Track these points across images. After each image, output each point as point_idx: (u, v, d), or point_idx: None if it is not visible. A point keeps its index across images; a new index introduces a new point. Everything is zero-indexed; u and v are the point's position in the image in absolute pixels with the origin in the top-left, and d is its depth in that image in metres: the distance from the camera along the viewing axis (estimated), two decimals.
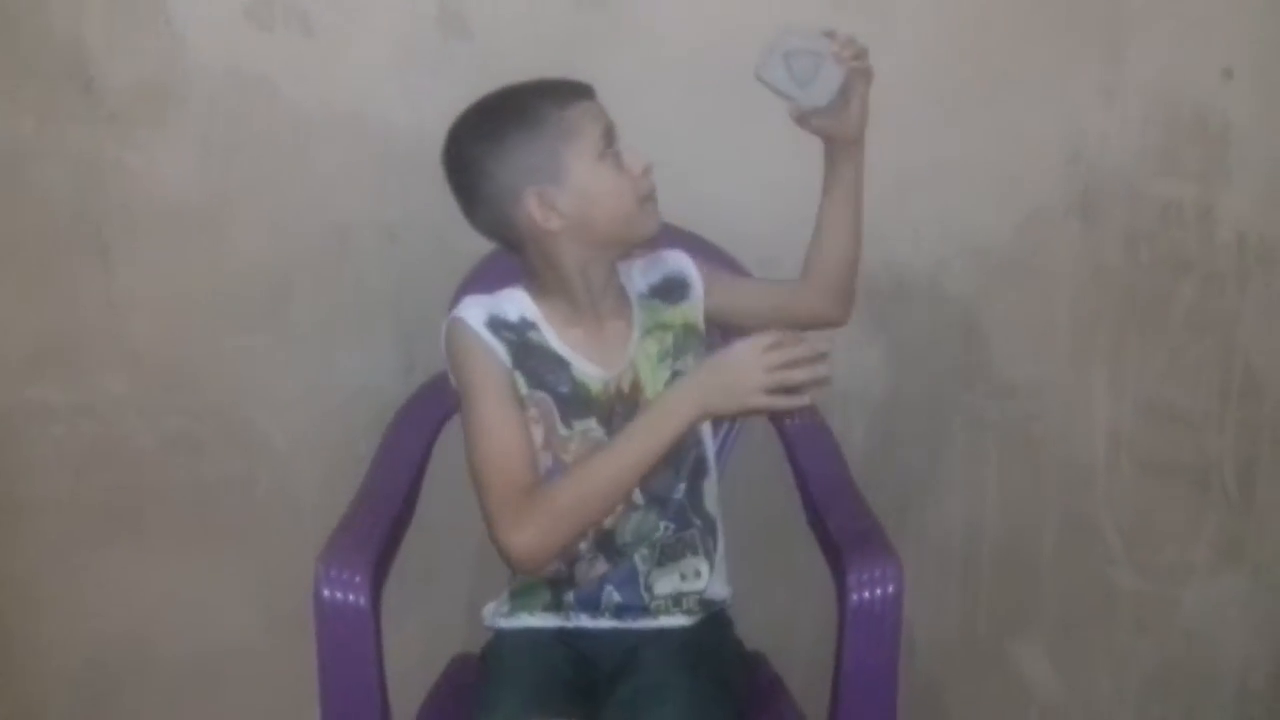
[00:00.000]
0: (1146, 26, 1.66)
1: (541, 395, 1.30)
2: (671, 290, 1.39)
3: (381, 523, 1.40)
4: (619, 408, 1.31)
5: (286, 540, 1.69)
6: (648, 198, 1.27)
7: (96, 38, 1.58)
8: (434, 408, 1.58)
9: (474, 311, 1.30)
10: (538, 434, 1.30)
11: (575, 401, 1.30)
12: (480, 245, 1.51)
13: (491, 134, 1.25)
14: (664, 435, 1.22)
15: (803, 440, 1.57)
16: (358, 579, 1.28)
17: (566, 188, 1.24)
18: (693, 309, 1.38)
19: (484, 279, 1.54)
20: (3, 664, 1.81)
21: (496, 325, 1.30)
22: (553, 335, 1.31)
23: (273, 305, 1.70)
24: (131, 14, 1.58)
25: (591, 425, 1.30)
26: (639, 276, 1.38)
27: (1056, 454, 1.81)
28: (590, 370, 1.31)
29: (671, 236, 1.41)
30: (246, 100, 1.61)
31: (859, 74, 1.26)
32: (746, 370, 1.18)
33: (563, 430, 1.30)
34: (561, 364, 1.30)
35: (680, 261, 1.40)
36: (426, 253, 1.66)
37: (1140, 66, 1.67)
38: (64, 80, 1.59)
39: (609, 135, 1.25)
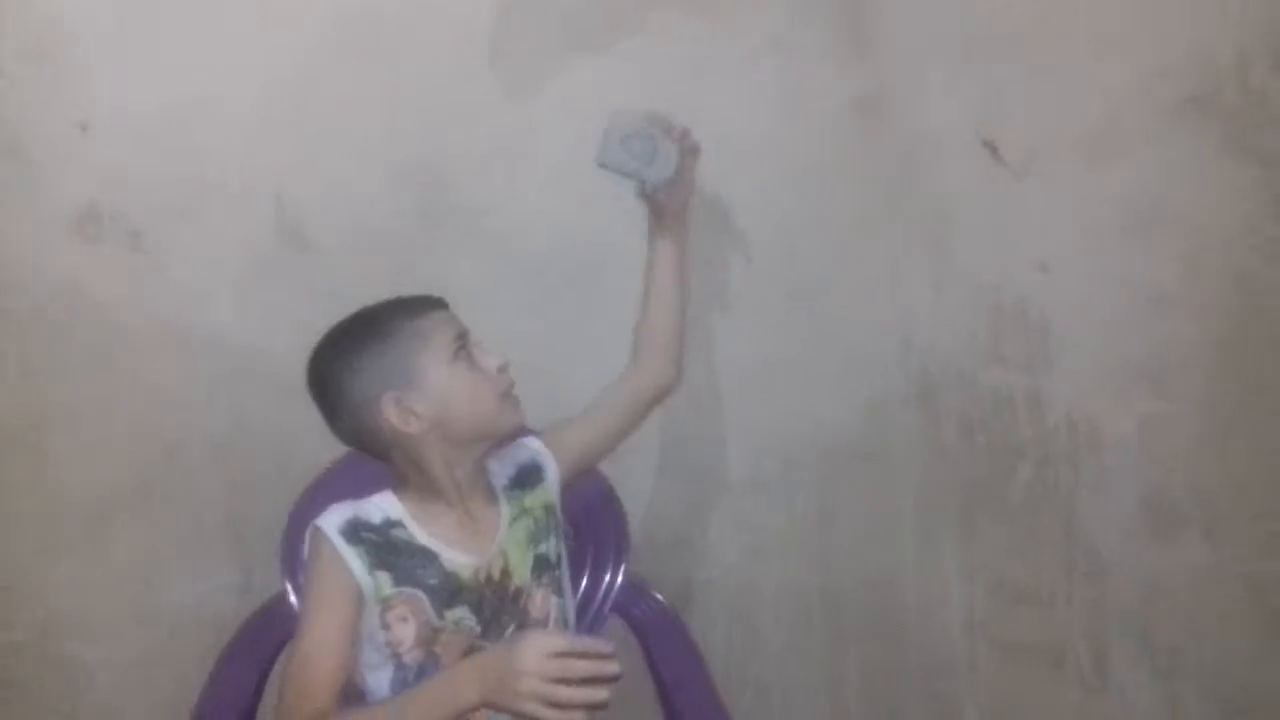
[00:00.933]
0: (968, 221, 1.73)
1: (410, 591, 1.28)
2: (527, 477, 1.41)
3: None
4: (489, 594, 1.31)
5: None
6: (506, 394, 1.31)
7: None
8: (270, 633, 1.50)
9: (333, 519, 1.29)
10: (408, 631, 1.28)
11: (446, 591, 1.29)
12: (318, 456, 1.51)
13: (347, 349, 1.29)
14: (444, 711, 1.18)
15: (659, 640, 1.54)
16: None
17: (423, 391, 1.27)
18: (548, 490, 1.42)
19: (326, 488, 1.50)
20: None
21: (356, 529, 1.29)
22: (419, 530, 1.30)
23: (96, 528, 1.62)
24: None
25: (464, 614, 1.30)
26: (498, 468, 1.40)
27: (916, 639, 1.81)
28: (460, 559, 1.31)
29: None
30: (69, 314, 1.58)
31: (689, 150, 1.41)
32: (523, 673, 1.12)
33: (436, 622, 1.29)
34: (429, 556, 1.30)
35: (530, 447, 1.43)
36: (262, 467, 1.62)
37: (964, 259, 1.74)
38: None
39: (462, 338, 1.29)
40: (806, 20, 1.67)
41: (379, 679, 1.30)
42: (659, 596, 1.60)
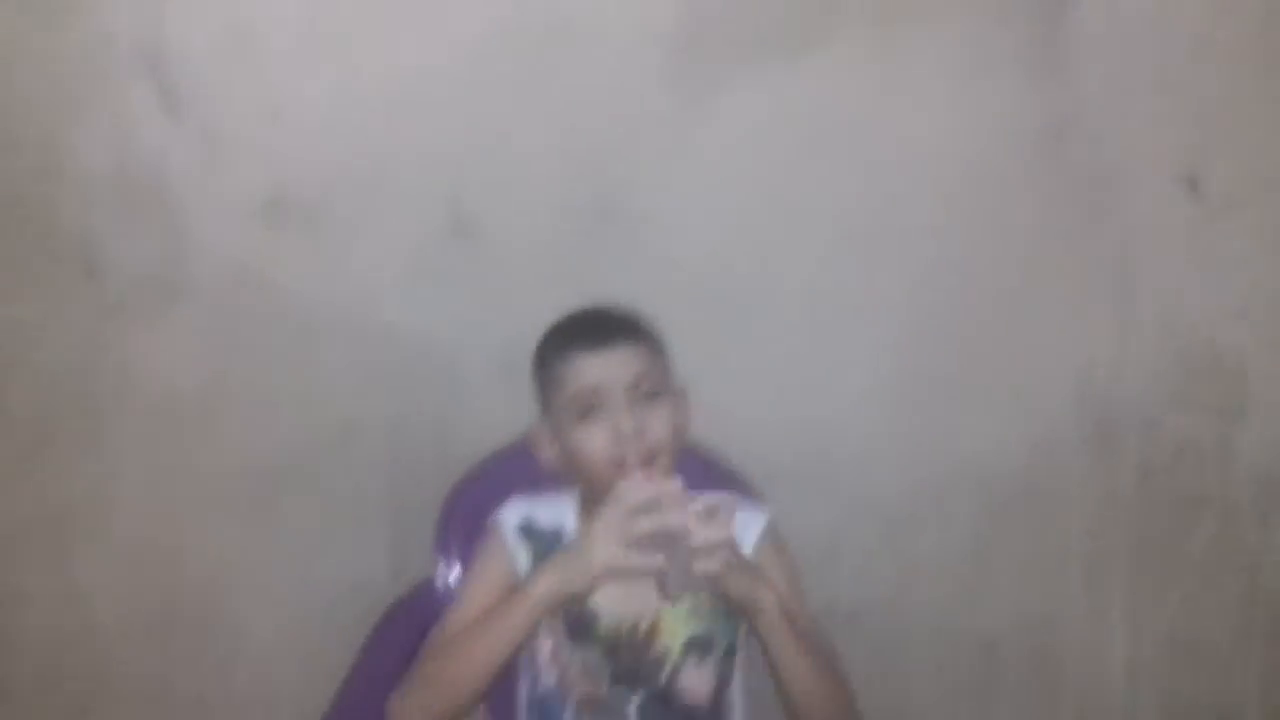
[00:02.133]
0: (1160, 258, 1.66)
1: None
2: None
3: None
4: (625, 649, 1.30)
5: None
6: (621, 465, 1.25)
7: (103, 226, 1.60)
8: (419, 614, 1.52)
9: (512, 513, 1.35)
10: (546, 645, 1.31)
11: (580, 627, 1.30)
12: (478, 444, 1.56)
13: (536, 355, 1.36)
14: (517, 617, 1.22)
15: None
16: None
17: (555, 434, 1.31)
18: None
19: (483, 476, 1.55)
20: None
21: (530, 528, 1.34)
22: None
23: (264, 498, 1.67)
24: (140, 204, 1.60)
25: (594, 658, 1.30)
26: None
27: (1075, 690, 1.74)
28: (604, 603, 1.29)
29: (689, 455, 1.39)
30: (251, 297, 1.62)
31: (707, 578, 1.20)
32: (593, 540, 1.18)
33: (565, 653, 1.30)
34: None
35: (745, 526, 1.31)
36: (424, 454, 1.65)
37: (1153, 300, 1.66)
38: (68, 266, 1.61)
39: (598, 395, 1.26)
40: (1000, 39, 1.62)
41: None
42: None
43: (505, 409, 1.59)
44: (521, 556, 1.32)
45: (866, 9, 1.60)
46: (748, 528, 1.32)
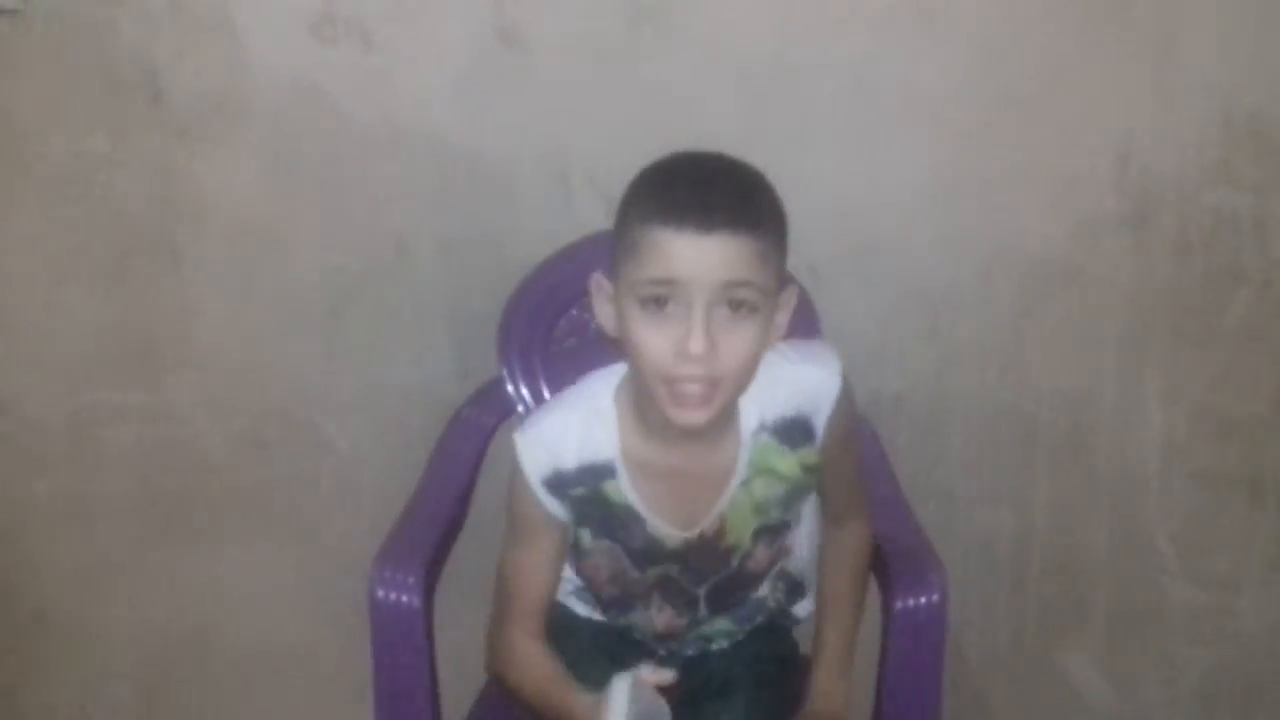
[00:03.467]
0: (1202, 27, 1.63)
1: (609, 544, 1.24)
2: (794, 433, 1.20)
3: (435, 526, 1.45)
4: (696, 552, 1.24)
5: (346, 540, 1.74)
6: (671, 382, 1.06)
7: (165, 52, 1.61)
8: (487, 414, 1.63)
9: (535, 464, 1.19)
10: (602, 575, 1.28)
11: (649, 554, 1.24)
12: (532, 252, 1.61)
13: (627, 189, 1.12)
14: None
15: None
16: (411, 580, 1.32)
17: (614, 301, 1.11)
18: (811, 454, 1.22)
19: (538, 282, 1.60)
20: (68, 657, 1.87)
21: (561, 484, 1.20)
22: (630, 485, 1.19)
23: (333, 311, 1.73)
24: (199, 28, 1.61)
25: (668, 569, 1.26)
26: (761, 401, 1.17)
27: (1108, 463, 1.80)
28: (666, 529, 1.22)
29: None
30: (308, 114, 1.64)
31: None
32: None
33: (634, 574, 1.26)
34: (636, 520, 1.21)
35: (820, 396, 1.20)
36: (481, 263, 1.69)
37: (1195, 69, 1.64)
38: (134, 93, 1.63)
39: (669, 286, 1.04)
40: None
41: (573, 602, 1.36)
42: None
43: (558, 216, 1.66)
44: (557, 509, 1.21)
45: None
46: (821, 392, 1.20)
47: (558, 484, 1.19)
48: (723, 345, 1.03)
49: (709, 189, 1.05)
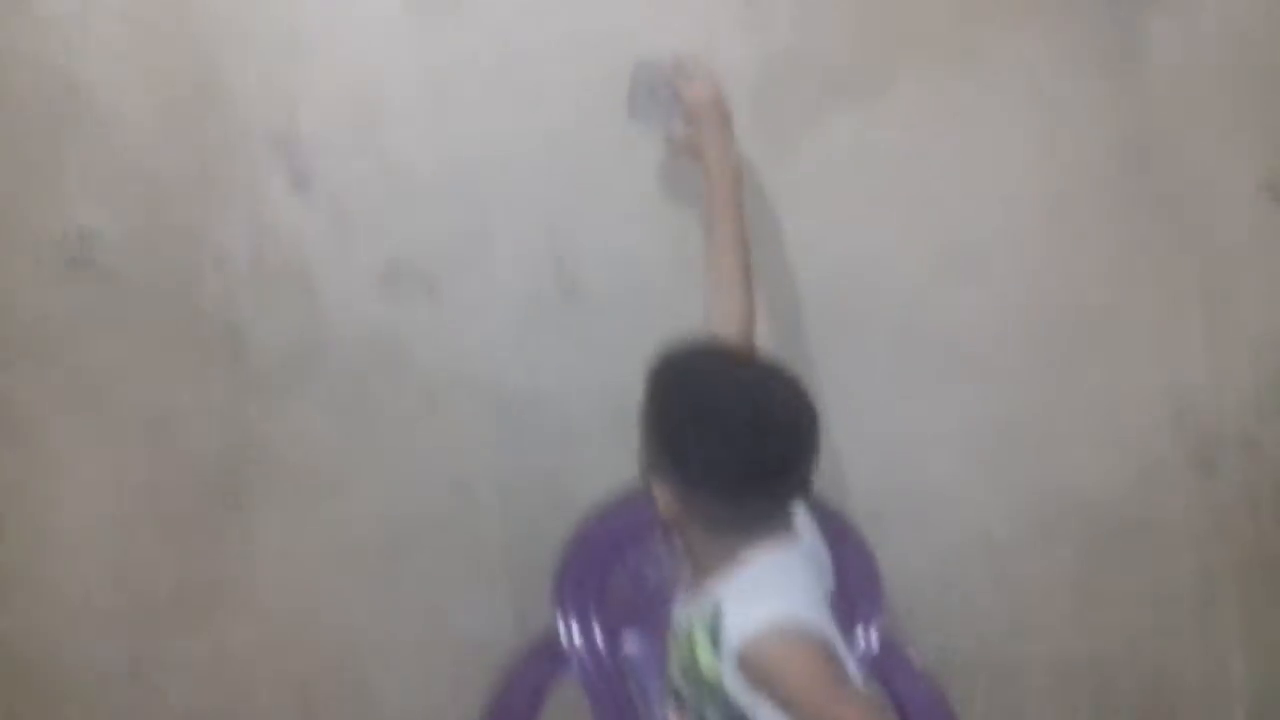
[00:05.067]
0: (1248, 273, 1.65)
1: None
2: (715, 631, 1.26)
3: None
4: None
5: None
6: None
7: (246, 307, 1.67)
8: (542, 672, 1.60)
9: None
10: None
11: None
12: (592, 495, 1.61)
13: (691, 405, 1.22)
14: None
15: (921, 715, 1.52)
16: None
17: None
18: (714, 662, 1.25)
19: (599, 527, 1.60)
20: None
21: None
22: None
23: (390, 556, 1.73)
24: (278, 284, 1.68)
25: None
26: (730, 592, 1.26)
27: (1191, 708, 1.73)
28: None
29: None
30: (376, 363, 1.68)
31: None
32: None
33: None
34: None
35: (737, 627, 1.23)
36: (539, 506, 1.69)
37: (1244, 314, 1.66)
38: (215, 347, 1.68)
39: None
40: (1070, 69, 1.63)
41: None
42: (917, 666, 1.57)
43: (615, 460, 1.59)
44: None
45: (931, 47, 1.63)
46: (739, 623, 1.23)
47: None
48: None
49: (783, 456, 1.19)
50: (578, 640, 1.56)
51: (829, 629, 1.19)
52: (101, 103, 1.62)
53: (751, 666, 1.18)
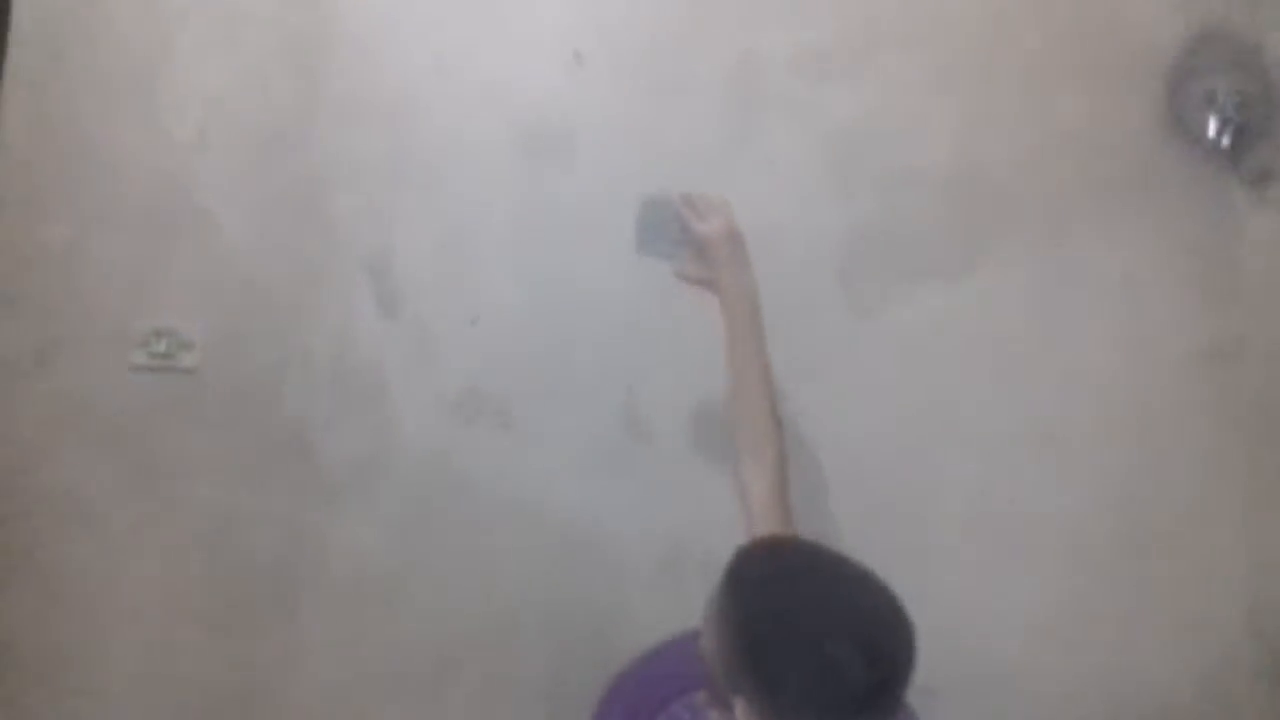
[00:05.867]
0: None
1: None
2: None
3: None
4: None
5: None
6: None
7: (320, 417, 1.71)
8: None
9: None
10: None
11: None
12: (639, 638, 1.57)
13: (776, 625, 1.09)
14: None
15: None
16: None
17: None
18: None
19: (640, 671, 1.56)
20: None
21: None
22: None
23: (432, 680, 1.71)
24: (354, 397, 1.71)
25: None
26: None
27: None
28: None
29: None
30: (441, 484, 1.70)
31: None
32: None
33: None
34: None
35: None
36: (584, 643, 1.67)
37: None
38: (284, 452, 1.71)
39: None
40: (1163, 260, 1.63)
41: None
42: None
43: (665, 604, 1.65)
44: None
45: (1021, 229, 1.64)
46: None
47: None
48: None
49: (867, 685, 1.04)
50: None
51: None
52: (211, 216, 1.70)
53: None
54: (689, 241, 1.38)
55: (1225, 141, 1.64)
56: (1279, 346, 1.63)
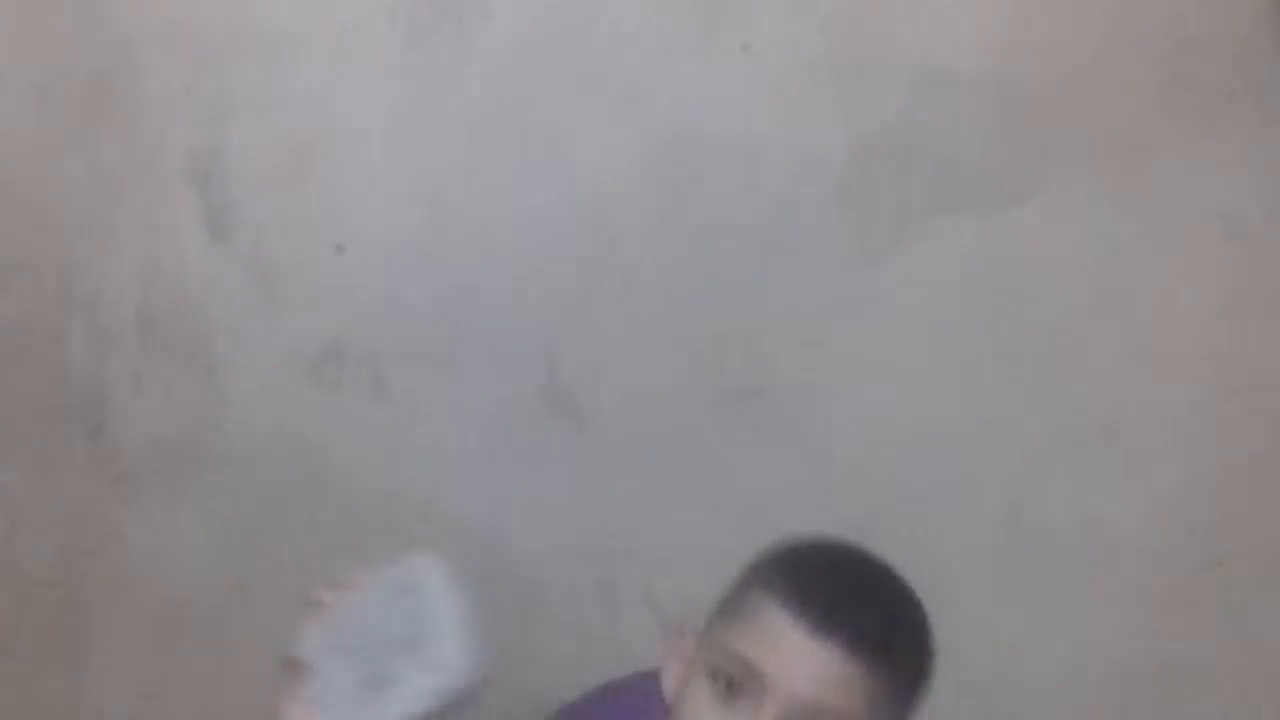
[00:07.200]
0: None
1: None
2: None
3: None
4: None
5: None
6: None
7: (119, 373, 1.51)
8: None
9: None
10: None
11: None
12: (569, 680, 1.33)
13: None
14: None
15: None
16: None
17: (689, 661, 1.01)
18: None
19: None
20: None
21: None
22: None
23: None
24: (169, 354, 1.52)
25: None
26: None
27: None
28: None
29: None
30: (287, 474, 1.52)
31: None
32: None
33: None
34: None
35: None
36: (496, 691, 1.41)
37: None
38: (72, 424, 1.52)
39: (753, 676, 0.94)
40: (1272, 194, 1.38)
41: None
42: None
43: (599, 640, 1.46)
44: None
45: (1094, 149, 1.42)
46: None
47: None
48: None
49: (856, 598, 0.97)
50: None
51: None
52: None
53: None
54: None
55: None
56: None
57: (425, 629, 0.96)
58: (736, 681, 0.93)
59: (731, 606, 0.99)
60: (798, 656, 0.92)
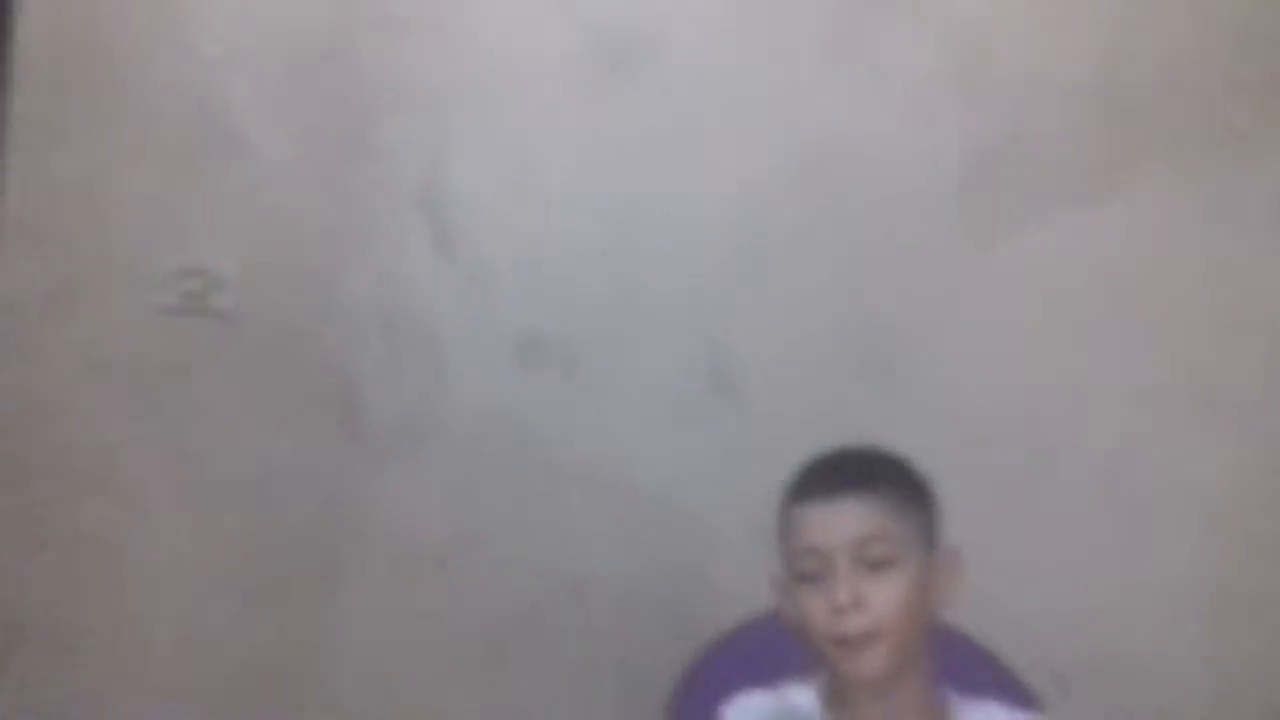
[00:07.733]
0: None
1: None
2: None
3: None
4: None
5: None
6: (839, 640, 1.10)
7: (366, 365, 1.62)
8: None
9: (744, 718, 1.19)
10: None
11: None
12: (718, 617, 1.45)
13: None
14: None
15: None
16: None
17: (786, 588, 1.17)
18: None
19: (722, 654, 1.43)
20: None
21: None
22: None
23: (492, 660, 1.61)
24: (402, 343, 1.62)
25: None
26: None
27: None
28: None
29: (954, 646, 1.24)
30: (499, 440, 1.61)
31: None
32: None
33: None
34: None
35: None
36: (661, 621, 1.57)
37: None
38: (326, 405, 1.62)
39: (817, 556, 1.11)
40: None
41: None
42: None
43: (754, 579, 1.43)
44: None
45: (1189, 143, 1.50)
46: None
47: None
48: (871, 598, 1.10)
49: (839, 464, 1.17)
50: None
51: None
52: (244, 142, 1.63)
53: None
54: None
55: None
56: None
57: None
58: (811, 571, 1.11)
59: (780, 530, 1.16)
60: (823, 521, 1.11)
